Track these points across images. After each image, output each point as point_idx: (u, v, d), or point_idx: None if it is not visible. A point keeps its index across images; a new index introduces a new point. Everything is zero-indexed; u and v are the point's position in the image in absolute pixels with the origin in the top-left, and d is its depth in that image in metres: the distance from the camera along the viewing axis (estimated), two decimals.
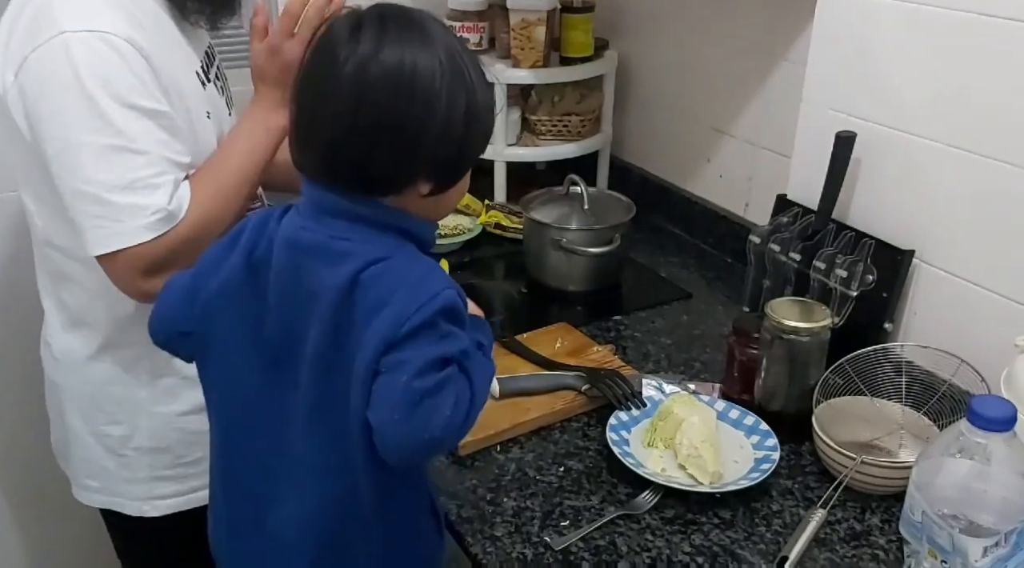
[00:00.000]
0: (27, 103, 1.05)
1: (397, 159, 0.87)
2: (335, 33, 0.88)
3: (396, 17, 0.88)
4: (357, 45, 0.85)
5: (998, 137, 1.17)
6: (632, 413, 1.25)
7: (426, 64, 0.85)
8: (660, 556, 1.04)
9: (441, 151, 0.88)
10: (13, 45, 1.06)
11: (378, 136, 0.86)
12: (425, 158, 0.88)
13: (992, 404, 0.91)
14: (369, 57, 0.85)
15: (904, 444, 1.20)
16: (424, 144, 0.87)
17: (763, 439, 1.20)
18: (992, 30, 1.15)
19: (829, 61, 1.38)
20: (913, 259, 1.30)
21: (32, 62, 1.03)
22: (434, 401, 0.84)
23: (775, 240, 1.40)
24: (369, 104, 0.85)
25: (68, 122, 1.03)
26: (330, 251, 0.89)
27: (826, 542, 1.06)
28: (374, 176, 0.88)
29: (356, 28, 0.86)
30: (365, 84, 0.85)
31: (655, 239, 1.84)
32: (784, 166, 1.51)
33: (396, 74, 0.85)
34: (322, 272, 0.88)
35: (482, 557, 1.04)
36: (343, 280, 0.87)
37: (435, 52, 0.86)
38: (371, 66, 0.85)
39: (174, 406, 1.25)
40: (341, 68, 0.85)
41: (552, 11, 1.79)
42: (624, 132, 2.03)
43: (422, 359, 0.84)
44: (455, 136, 0.88)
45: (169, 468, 1.27)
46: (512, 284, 1.68)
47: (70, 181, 1.05)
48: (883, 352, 1.23)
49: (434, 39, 0.87)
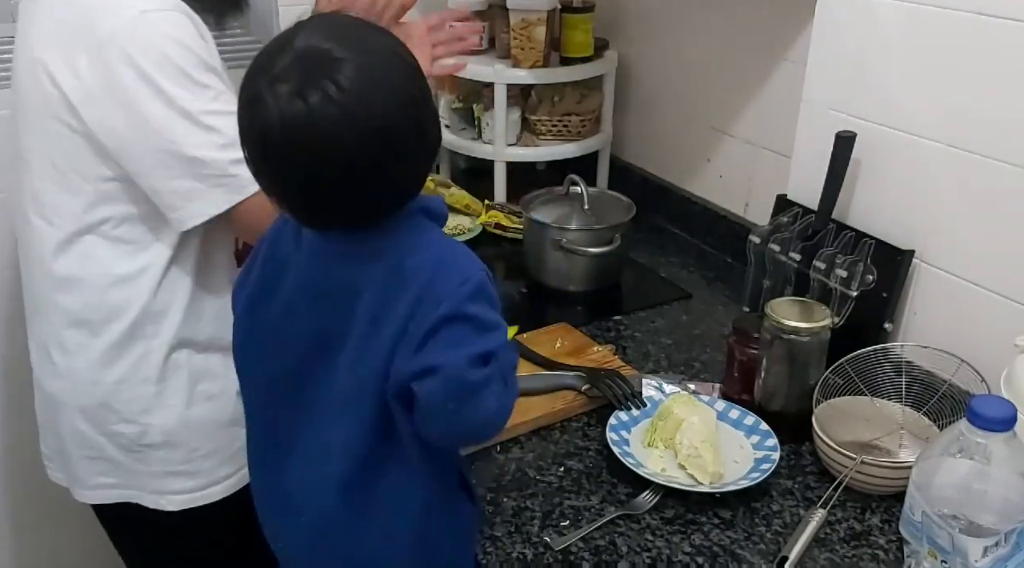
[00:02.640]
0: (113, 82, 1.09)
1: (378, 193, 0.86)
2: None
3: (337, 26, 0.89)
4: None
5: (998, 137, 1.17)
6: (632, 413, 1.25)
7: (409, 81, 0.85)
8: (660, 556, 1.04)
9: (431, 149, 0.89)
10: (78, 35, 1.09)
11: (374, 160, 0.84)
12: (402, 180, 0.87)
13: (992, 404, 0.91)
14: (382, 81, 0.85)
15: (904, 444, 1.20)
16: (410, 147, 0.86)
17: (763, 439, 1.20)
18: (992, 30, 1.15)
19: (829, 61, 1.38)
20: (913, 259, 1.30)
21: (116, 41, 1.08)
22: (481, 396, 0.84)
23: (775, 240, 1.40)
24: (334, 149, 0.83)
25: (171, 94, 1.09)
26: (361, 254, 0.89)
27: (826, 542, 1.06)
28: (371, 212, 0.88)
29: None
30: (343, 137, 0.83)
31: (655, 239, 1.84)
32: (784, 166, 1.51)
33: (399, 93, 0.84)
34: (356, 269, 0.89)
35: (482, 557, 1.04)
36: (383, 272, 0.87)
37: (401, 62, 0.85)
38: (331, 107, 0.81)
39: (183, 399, 1.25)
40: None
41: (552, 11, 1.79)
42: (624, 132, 2.03)
43: (468, 354, 0.84)
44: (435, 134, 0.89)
45: (183, 463, 1.27)
46: (512, 284, 1.68)
47: (177, 149, 1.10)
48: (883, 352, 1.23)
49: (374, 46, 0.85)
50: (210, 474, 1.28)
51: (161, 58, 1.08)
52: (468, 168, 2.10)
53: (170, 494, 1.28)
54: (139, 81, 1.08)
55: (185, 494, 1.28)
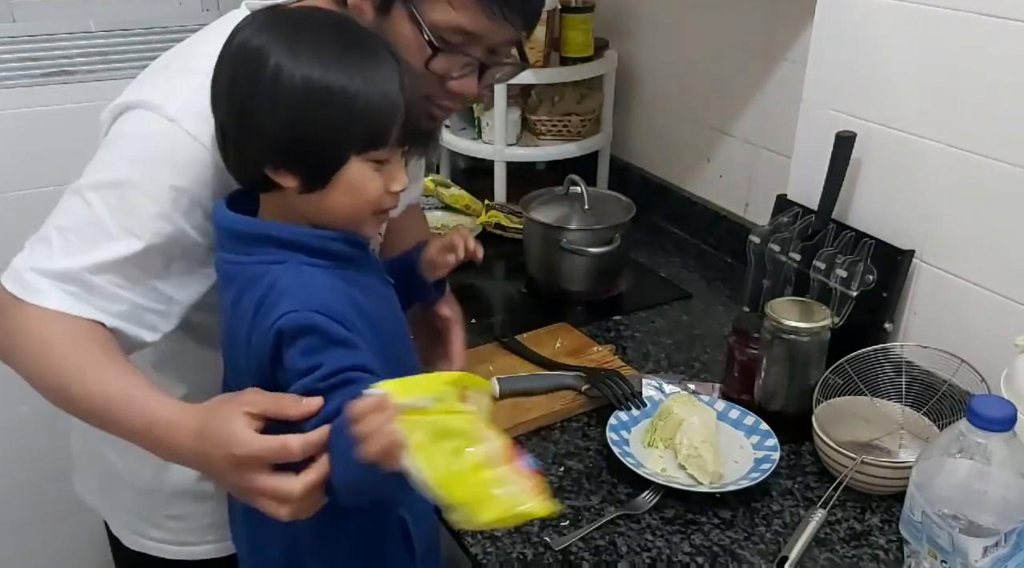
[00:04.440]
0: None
1: (237, 141, 0.88)
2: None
3: (287, 12, 0.91)
4: (236, 30, 0.88)
5: (998, 137, 1.17)
6: (632, 413, 1.25)
7: (260, 38, 0.85)
8: (660, 556, 1.04)
9: (273, 131, 0.85)
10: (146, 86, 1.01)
11: (222, 120, 0.88)
12: (260, 142, 0.86)
13: (992, 404, 0.91)
14: (235, 36, 0.87)
15: (904, 444, 1.20)
16: (252, 125, 0.86)
17: (763, 439, 1.20)
18: (992, 30, 1.15)
19: (829, 61, 1.38)
20: (913, 259, 1.30)
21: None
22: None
23: (775, 240, 1.40)
24: (217, 85, 0.88)
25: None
26: (223, 275, 0.92)
27: (826, 542, 1.06)
28: (231, 161, 0.90)
29: (246, 22, 0.89)
30: (223, 59, 0.88)
31: (655, 239, 1.84)
32: (784, 166, 1.51)
33: (236, 49, 0.86)
34: (223, 296, 0.92)
35: (482, 557, 1.04)
36: (227, 304, 0.90)
37: (285, 39, 0.85)
38: (231, 44, 0.87)
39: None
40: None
41: (552, 11, 1.79)
42: (624, 132, 2.03)
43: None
44: (284, 114, 0.84)
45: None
46: (512, 284, 1.68)
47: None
48: (883, 352, 1.23)
49: (300, 30, 0.86)
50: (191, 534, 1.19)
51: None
52: (468, 168, 2.10)
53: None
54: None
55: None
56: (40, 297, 0.92)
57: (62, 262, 0.92)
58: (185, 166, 0.94)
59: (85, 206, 0.94)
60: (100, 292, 0.93)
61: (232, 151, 0.90)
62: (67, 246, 0.93)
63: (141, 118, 0.96)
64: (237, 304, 0.89)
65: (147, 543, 1.20)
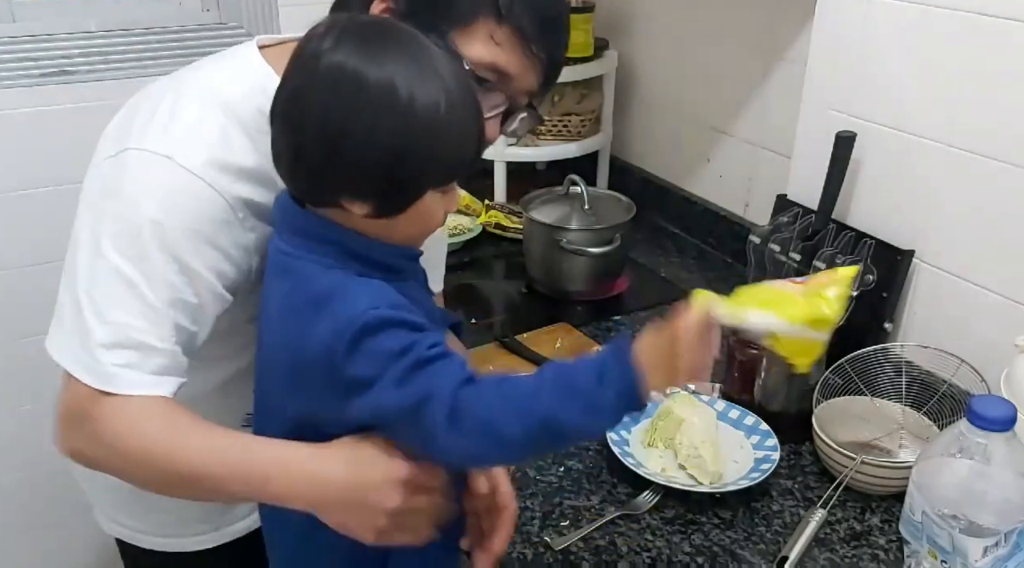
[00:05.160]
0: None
1: (319, 168, 0.83)
2: (309, 40, 0.85)
3: (368, 26, 0.85)
4: (320, 46, 0.82)
5: (999, 137, 1.17)
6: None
7: (364, 71, 0.79)
8: (660, 556, 1.04)
9: (365, 169, 0.81)
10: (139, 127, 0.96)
11: (302, 143, 0.82)
12: (345, 173, 0.82)
13: (992, 404, 0.91)
14: (321, 55, 0.81)
15: (904, 444, 1.20)
16: (342, 156, 0.81)
17: (763, 439, 1.20)
18: (992, 30, 1.15)
19: (829, 61, 1.38)
20: (913, 259, 1.30)
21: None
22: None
23: (775, 240, 1.40)
24: (303, 101, 0.82)
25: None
26: (277, 266, 0.89)
27: (826, 542, 1.06)
28: (301, 183, 0.86)
29: (324, 35, 0.84)
30: (309, 81, 0.82)
31: (655, 239, 1.84)
32: (784, 166, 1.51)
33: (334, 73, 0.80)
34: (273, 284, 0.90)
35: None
36: (278, 294, 0.88)
37: (384, 63, 0.80)
38: (319, 64, 0.81)
39: None
40: (302, 65, 0.84)
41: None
42: (624, 132, 2.03)
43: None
44: (377, 155, 0.80)
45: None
46: (512, 284, 1.68)
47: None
48: (883, 352, 1.23)
49: (392, 51, 0.81)
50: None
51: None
52: None
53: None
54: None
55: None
56: (118, 384, 0.89)
57: (104, 330, 0.89)
58: (193, 206, 0.91)
59: (106, 263, 0.90)
60: (151, 351, 0.90)
61: (307, 176, 0.85)
62: (101, 310, 0.90)
63: (143, 161, 0.92)
64: (290, 296, 0.87)
65: (124, 531, 1.20)
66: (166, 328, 0.91)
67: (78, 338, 0.90)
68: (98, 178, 0.95)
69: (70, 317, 0.91)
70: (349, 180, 0.83)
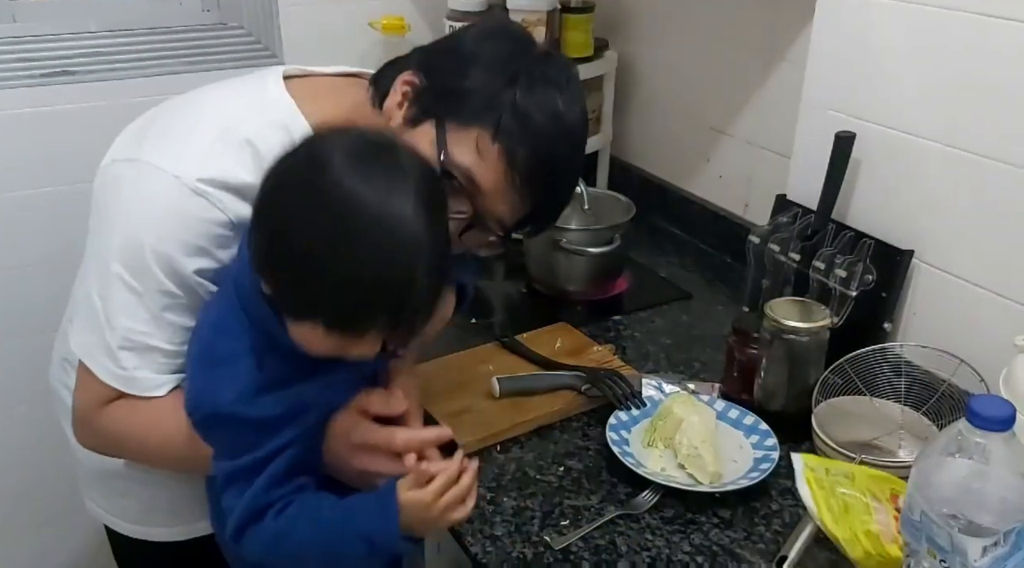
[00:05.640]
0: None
1: (271, 274, 0.87)
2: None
3: (374, 145, 0.86)
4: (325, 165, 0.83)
5: (998, 137, 1.17)
6: (632, 413, 1.25)
7: (360, 208, 0.81)
8: (660, 556, 1.04)
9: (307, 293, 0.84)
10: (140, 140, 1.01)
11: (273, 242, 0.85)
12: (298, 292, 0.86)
13: (991, 404, 0.91)
14: (327, 174, 0.82)
15: (903, 444, 1.20)
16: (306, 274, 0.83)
17: (762, 439, 1.20)
18: (992, 30, 1.15)
19: (829, 61, 1.38)
20: (912, 259, 1.30)
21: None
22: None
23: (774, 240, 1.40)
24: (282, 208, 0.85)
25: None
26: (225, 287, 0.96)
27: (826, 542, 1.06)
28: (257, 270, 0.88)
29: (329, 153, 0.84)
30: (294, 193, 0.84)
31: (655, 239, 1.84)
32: (784, 166, 1.51)
33: (325, 197, 0.81)
34: (219, 295, 0.98)
35: (482, 557, 1.04)
36: (212, 315, 0.97)
37: (377, 200, 0.81)
38: (323, 183, 0.82)
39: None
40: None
41: (552, 11, 1.79)
42: (624, 132, 2.03)
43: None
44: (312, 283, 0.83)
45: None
46: (512, 284, 1.68)
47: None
48: (882, 352, 1.23)
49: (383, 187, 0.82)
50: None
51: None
52: None
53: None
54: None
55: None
56: (133, 386, 0.99)
57: (114, 335, 0.97)
58: (193, 225, 0.95)
59: (112, 273, 0.96)
60: (158, 353, 0.99)
61: (261, 270, 0.88)
62: (111, 315, 0.97)
63: (151, 176, 0.96)
64: (209, 330, 0.96)
65: (106, 516, 1.24)
66: (169, 331, 0.98)
67: (96, 338, 0.98)
68: (111, 180, 1.00)
69: (89, 318, 0.99)
70: (263, 262, 0.87)
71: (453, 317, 1.08)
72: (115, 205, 0.98)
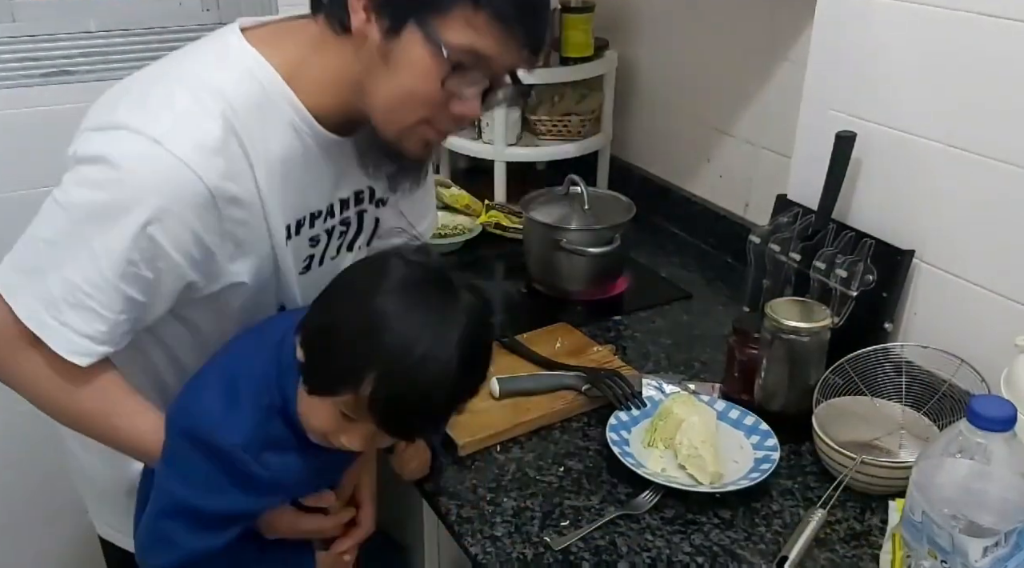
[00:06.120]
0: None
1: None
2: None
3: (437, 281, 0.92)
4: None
5: (998, 137, 1.17)
6: (632, 413, 1.25)
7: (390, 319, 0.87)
8: (660, 556, 1.04)
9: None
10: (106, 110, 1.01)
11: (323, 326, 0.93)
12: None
13: (992, 404, 0.90)
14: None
15: (904, 444, 1.20)
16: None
17: (763, 439, 1.20)
18: (992, 30, 1.15)
19: (829, 61, 1.38)
20: (913, 259, 1.30)
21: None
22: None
23: (775, 240, 1.40)
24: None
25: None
26: (269, 336, 1.01)
27: (826, 542, 1.06)
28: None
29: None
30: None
31: (655, 239, 1.84)
32: (784, 166, 1.51)
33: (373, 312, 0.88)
34: (261, 329, 1.05)
35: (482, 557, 1.04)
36: (247, 346, 1.03)
37: (424, 321, 0.88)
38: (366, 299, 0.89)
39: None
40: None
41: (552, 11, 1.79)
42: (624, 132, 2.03)
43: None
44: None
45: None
46: (512, 284, 1.68)
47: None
48: (883, 352, 1.23)
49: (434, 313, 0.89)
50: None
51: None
52: (468, 168, 2.10)
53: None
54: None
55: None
56: (50, 337, 0.96)
57: (57, 284, 0.95)
58: (170, 190, 0.93)
59: (73, 225, 0.95)
60: (93, 317, 0.96)
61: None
62: (60, 264, 0.95)
63: (124, 140, 0.94)
64: (238, 361, 1.02)
65: (117, 535, 1.23)
66: (114, 298, 0.95)
67: (28, 279, 0.96)
68: (85, 146, 0.98)
69: (29, 258, 0.97)
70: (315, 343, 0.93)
71: None
72: (91, 163, 0.96)
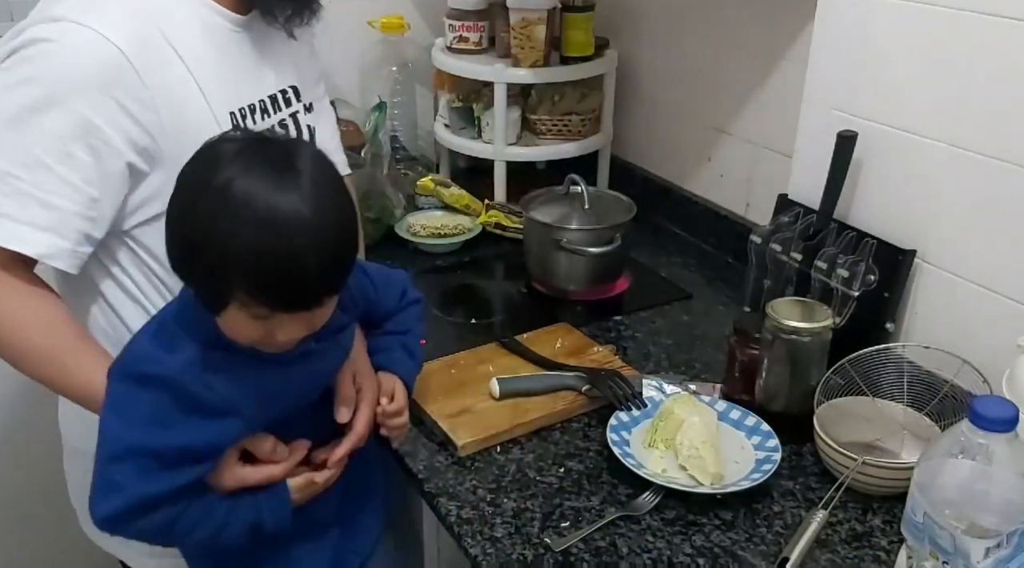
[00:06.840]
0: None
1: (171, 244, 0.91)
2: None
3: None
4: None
5: (1000, 137, 1.17)
6: (632, 414, 1.25)
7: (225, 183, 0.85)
8: (661, 557, 1.04)
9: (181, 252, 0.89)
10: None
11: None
12: (176, 255, 0.90)
13: (994, 404, 0.90)
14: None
15: (906, 445, 1.19)
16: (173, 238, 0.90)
17: (764, 440, 1.19)
18: (993, 30, 1.15)
19: (830, 60, 1.38)
20: (915, 259, 1.30)
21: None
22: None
23: (776, 240, 1.40)
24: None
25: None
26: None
27: (827, 543, 1.06)
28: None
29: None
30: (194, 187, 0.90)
31: (656, 239, 1.84)
32: (785, 166, 1.51)
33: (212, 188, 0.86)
34: None
35: (482, 558, 1.04)
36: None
37: (231, 171, 0.86)
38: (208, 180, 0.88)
39: None
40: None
41: (552, 10, 1.79)
42: (624, 131, 2.03)
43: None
44: (179, 246, 0.89)
45: None
46: (512, 284, 1.68)
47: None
48: (885, 352, 1.23)
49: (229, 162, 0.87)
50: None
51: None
52: (468, 168, 2.09)
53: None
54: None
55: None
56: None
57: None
58: (80, 56, 0.97)
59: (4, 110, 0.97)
60: (28, 201, 0.96)
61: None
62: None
63: (32, 30, 0.98)
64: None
65: (121, 550, 1.23)
66: (49, 178, 0.96)
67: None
68: (29, 36, 1.00)
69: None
70: (176, 263, 0.91)
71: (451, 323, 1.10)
72: (6, 68, 0.98)
